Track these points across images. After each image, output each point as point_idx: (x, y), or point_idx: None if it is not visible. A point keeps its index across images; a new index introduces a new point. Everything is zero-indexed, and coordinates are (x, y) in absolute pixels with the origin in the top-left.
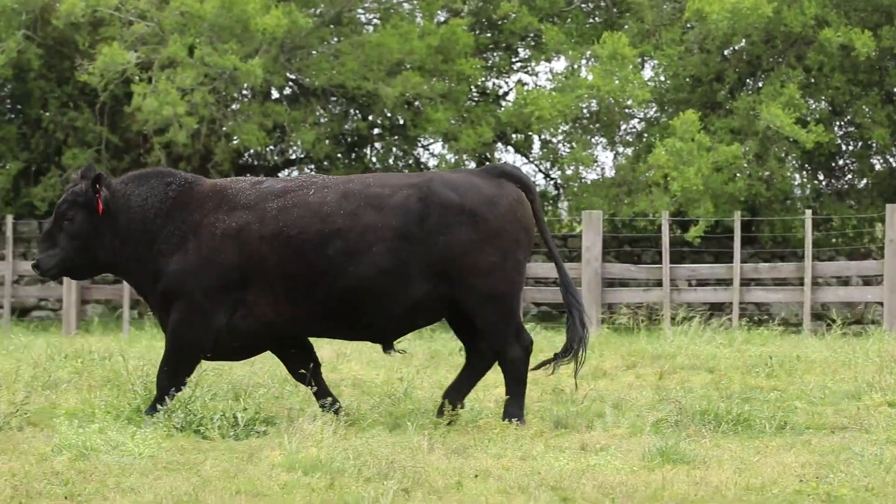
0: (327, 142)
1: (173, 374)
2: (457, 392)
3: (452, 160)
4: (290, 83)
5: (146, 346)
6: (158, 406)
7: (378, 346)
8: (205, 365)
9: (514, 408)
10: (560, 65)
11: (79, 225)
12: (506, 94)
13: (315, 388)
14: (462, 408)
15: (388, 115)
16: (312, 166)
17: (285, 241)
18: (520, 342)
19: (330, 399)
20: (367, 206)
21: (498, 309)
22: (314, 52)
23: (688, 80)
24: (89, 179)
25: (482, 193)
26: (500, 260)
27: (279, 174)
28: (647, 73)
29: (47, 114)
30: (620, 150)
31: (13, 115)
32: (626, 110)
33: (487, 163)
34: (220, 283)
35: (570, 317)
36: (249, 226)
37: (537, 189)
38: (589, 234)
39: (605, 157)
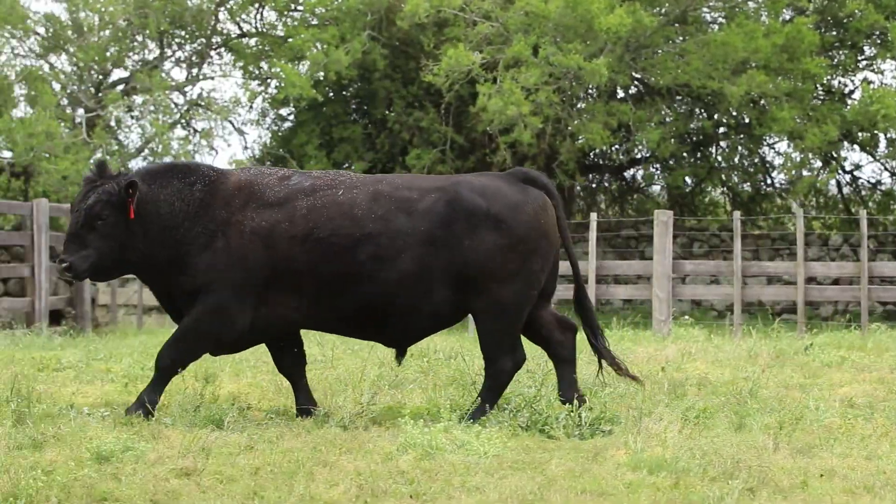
0: (672, 140)
1: (179, 360)
2: (568, 389)
3: (798, 158)
4: (635, 82)
5: None
6: (153, 392)
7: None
8: (550, 365)
9: (478, 412)
10: None
11: (112, 225)
12: (851, 92)
13: (293, 383)
14: (582, 398)
15: (733, 113)
16: (658, 165)
17: (316, 243)
18: (513, 356)
19: (304, 397)
20: (397, 210)
21: (504, 318)
22: (659, 51)
23: None
24: (113, 180)
25: (508, 199)
26: (519, 268)
27: (624, 173)
28: None
29: (392, 114)
30: None
31: (359, 116)
32: None
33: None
34: (248, 281)
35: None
36: (279, 224)
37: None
38: None
39: None
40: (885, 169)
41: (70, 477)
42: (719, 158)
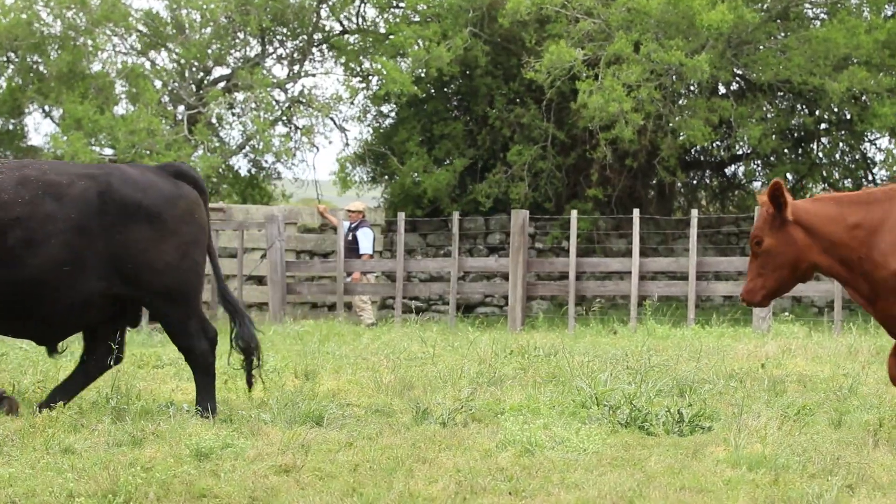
0: (773, 137)
1: None
2: (64, 392)
3: None
4: (737, 78)
5: (591, 342)
6: None
7: None
8: (652, 361)
9: (204, 400)
10: None
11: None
12: None
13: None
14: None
15: (835, 110)
16: (759, 162)
17: None
18: (206, 335)
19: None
20: (45, 194)
21: (177, 307)
22: (761, 46)
23: None
24: None
25: (162, 192)
26: (177, 259)
27: (725, 170)
28: None
29: (493, 110)
30: None
31: (460, 112)
32: None
33: None
34: None
35: (237, 323)
36: None
37: None
38: None
39: None
40: None
41: (169, 474)
42: (820, 155)
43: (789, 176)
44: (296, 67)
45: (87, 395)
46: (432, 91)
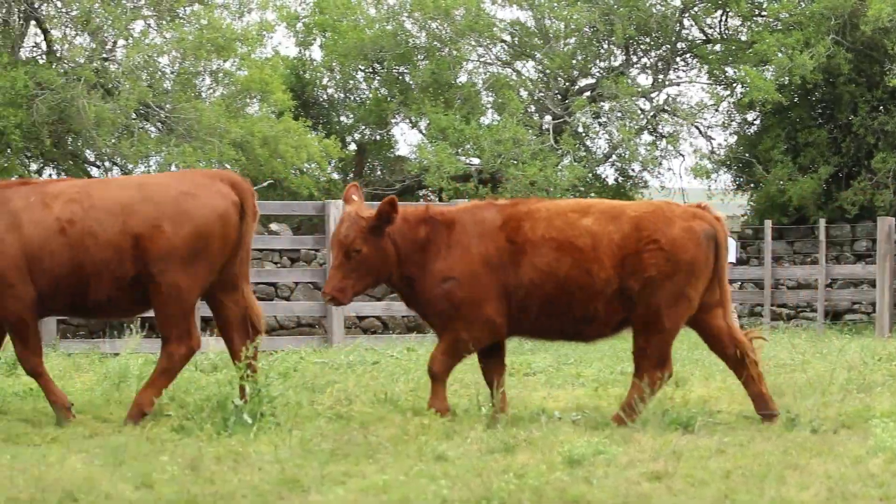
0: None
1: None
2: None
3: None
4: None
5: None
6: None
7: None
8: None
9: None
10: None
11: None
12: None
13: None
14: None
15: None
16: None
17: None
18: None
19: None
20: None
21: None
22: None
23: None
24: None
25: None
26: None
27: None
28: None
29: (857, 118)
30: None
31: (823, 120)
32: None
33: None
34: None
35: None
36: None
37: None
38: None
39: None
40: None
41: (542, 480)
42: None
43: None
44: (660, 76)
45: (461, 403)
46: (796, 99)
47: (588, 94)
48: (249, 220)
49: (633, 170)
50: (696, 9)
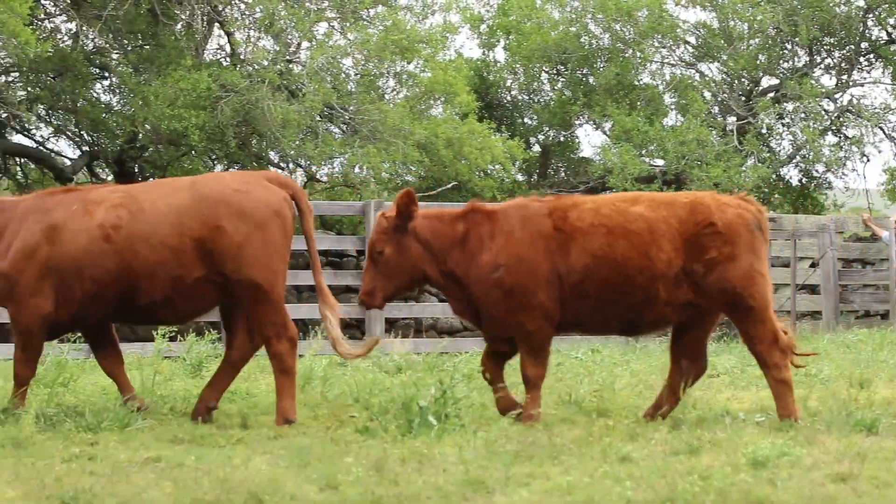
0: None
1: None
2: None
3: None
4: None
5: None
6: None
7: None
8: None
9: None
10: None
11: None
12: None
13: None
14: None
15: None
16: None
17: None
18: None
19: None
20: None
21: None
22: None
23: None
24: None
25: None
26: None
27: None
28: None
29: None
30: None
31: None
32: None
33: None
34: None
35: None
36: None
37: None
38: None
39: None
40: None
41: (726, 482)
42: None
43: None
44: (843, 77)
45: (643, 406)
46: None
47: (772, 94)
48: (307, 217)
49: (816, 171)
50: (879, 9)
